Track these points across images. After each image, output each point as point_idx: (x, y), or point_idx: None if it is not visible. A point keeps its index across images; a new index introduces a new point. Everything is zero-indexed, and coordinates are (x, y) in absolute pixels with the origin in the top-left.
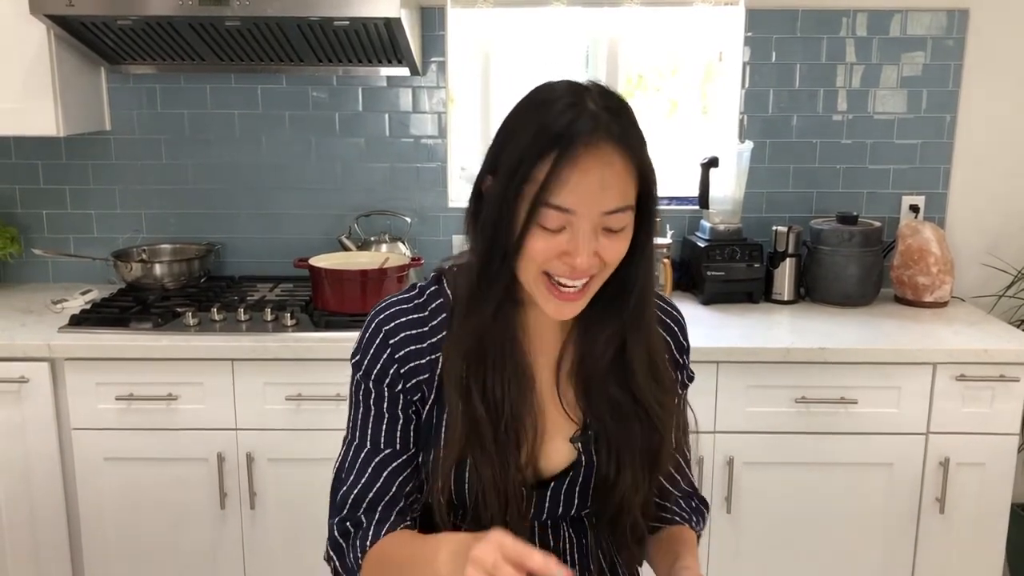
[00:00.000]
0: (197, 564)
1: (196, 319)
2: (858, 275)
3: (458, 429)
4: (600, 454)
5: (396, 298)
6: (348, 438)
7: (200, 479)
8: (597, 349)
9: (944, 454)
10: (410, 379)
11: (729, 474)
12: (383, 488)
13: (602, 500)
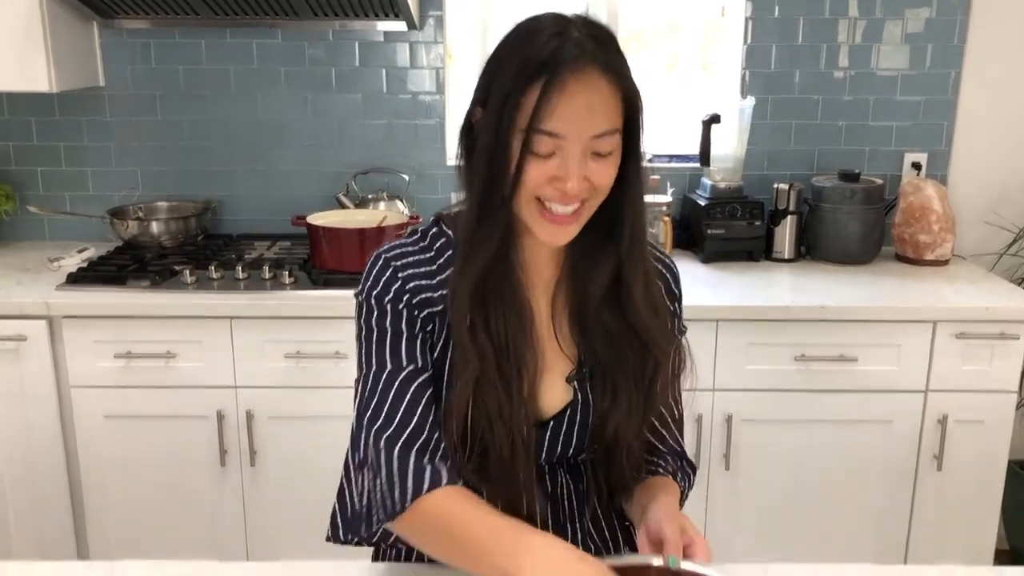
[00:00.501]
0: (198, 521)
1: (194, 277)
2: (859, 233)
3: (467, 365)
4: (595, 389)
5: (399, 241)
6: (363, 372)
7: (200, 437)
8: (592, 280)
9: (942, 411)
10: (423, 309)
11: (728, 431)
12: (411, 404)
13: (598, 435)
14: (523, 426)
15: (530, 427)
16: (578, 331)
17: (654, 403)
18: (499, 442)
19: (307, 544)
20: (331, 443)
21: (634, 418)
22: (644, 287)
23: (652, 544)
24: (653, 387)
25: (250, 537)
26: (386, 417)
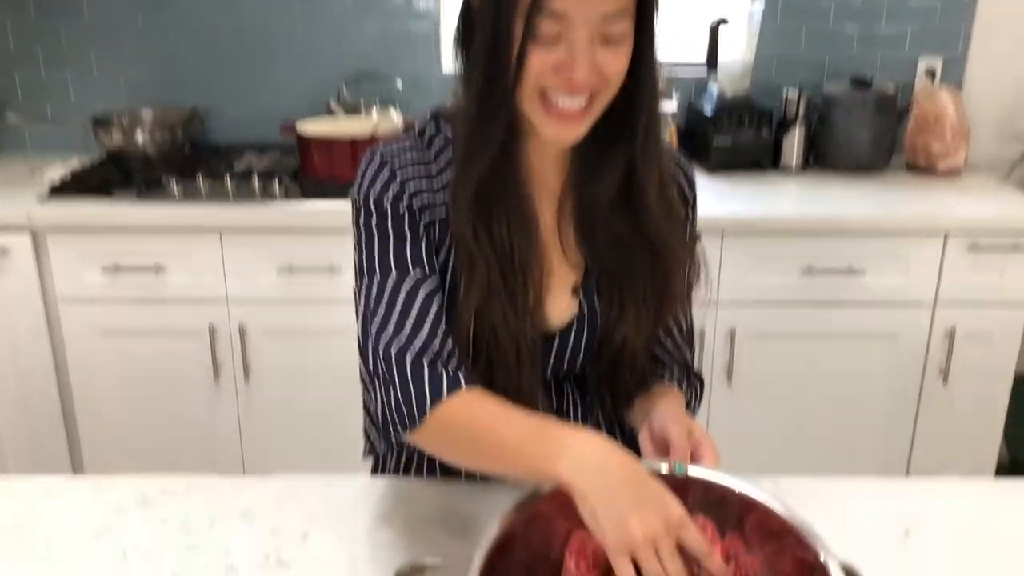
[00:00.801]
0: (193, 436)
1: (181, 188)
2: (870, 142)
3: (470, 275)
4: (603, 302)
5: (395, 141)
6: (366, 281)
7: (193, 352)
8: (601, 183)
9: (950, 325)
10: (424, 212)
11: (731, 346)
12: (422, 311)
13: (604, 348)
14: (528, 337)
15: (536, 338)
16: (585, 240)
17: (664, 316)
18: (504, 354)
19: (303, 458)
20: (326, 358)
21: (642, 331)
22: (659, 191)
23: (657, 449)
24: (664, 299)
25: (246, 452)
26: (395, 327)
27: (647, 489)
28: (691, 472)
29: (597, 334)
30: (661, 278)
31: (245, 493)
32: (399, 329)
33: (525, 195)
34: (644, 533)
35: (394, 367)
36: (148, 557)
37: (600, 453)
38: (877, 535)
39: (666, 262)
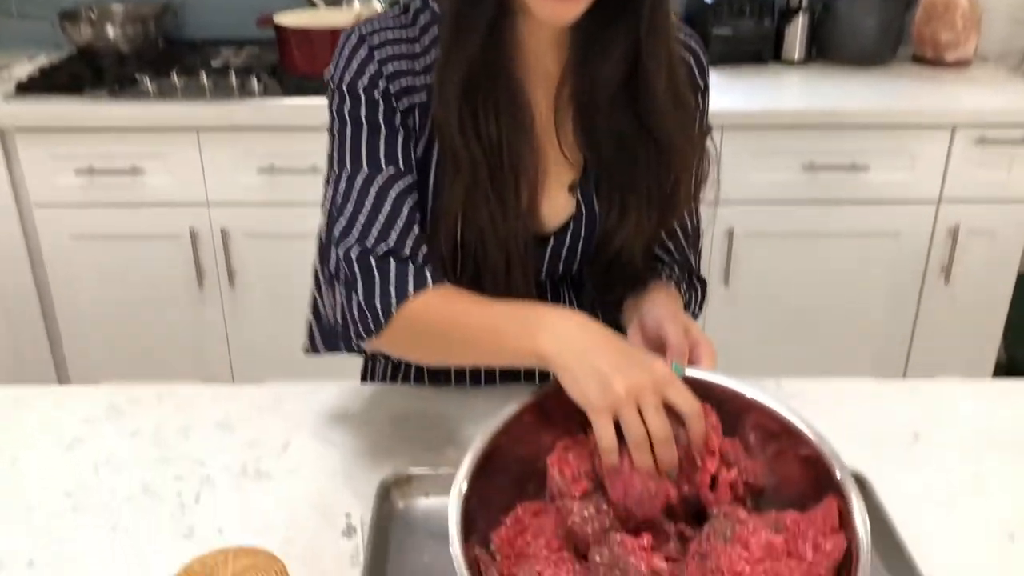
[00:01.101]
0: (179, 344)
1: (155, 85)
2: (876, 31)
3: (455, 171)
4: (602, 201)
5: (378, 16)
6: (335, 173)
7: (175, 257)
8: (603, 68)
9: (954, 222)
10: (402, 98)
11: (728, 246)
12: (393, 212)
13: (601, 251)
14: (520, 242)
15: (528, 243)
16: (584, 134)
17: (668, 218)
18: (492, 260)
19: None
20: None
21: (643, 234)
22: (667, 77)
23: (650, 348)
24: (668, 200)
25: (234, 358)
26: (363, 228)
27: (630, 351)
28: (688, 373)
29: (595, 236)
30: (666, 177)
31: (222, 401)
32: (366, 232)
33: (518, 82)
34: (627, 388)
35: (357, 270)
36: (118, 469)
37: (580, 326)
38: (884, 439)
39: (672, 159)
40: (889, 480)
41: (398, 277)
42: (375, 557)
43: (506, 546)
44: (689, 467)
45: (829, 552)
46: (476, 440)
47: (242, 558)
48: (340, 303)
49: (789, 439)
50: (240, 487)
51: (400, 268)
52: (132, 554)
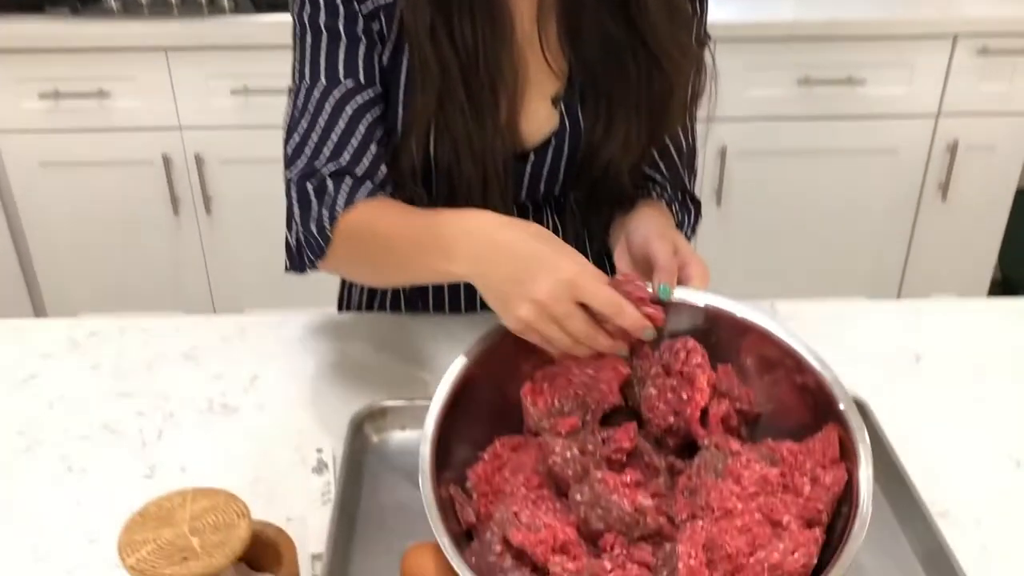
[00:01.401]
0: (156, 273)
1: (120, 2)
2: None
3: (426, 81)
4: (587, 114)
5: None
6: (295, 86)
7: (148, 184)
8: None
9: (953, 137)
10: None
11: (721, 165)
12: (348, 130)
13: (585, 169)
14: (498, 159)
15: (507, 160)
16: (570, 40)
17: (659, 135)
18: (467, 179)
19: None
20: None
21: (632, 151)
22: None
23: (637, 269)
24: (660, 115)
25: (214, 287)
26: (315, 146)
27: (532, 257)
28: (678, 294)
29: (579, 154)
30: (658, 90)
31: (187, 333)
32: (318, 150)
33: None
34: (531, 308)
35: (304, 193)
36: (76, 406)
37: (489, 236)
38: (885, 362)
39: (665, 70)
40: (890, 405)
41: (335, 195)
42: (347, 495)
43: (482, 483)
44: (676, 400)
45: (828, 486)
46: (450, 370)
47: (200, 499)
48: (297, 222)
49: (787, 364)
50: (205, 423)
51: (338, 187)
52: (89, 495)
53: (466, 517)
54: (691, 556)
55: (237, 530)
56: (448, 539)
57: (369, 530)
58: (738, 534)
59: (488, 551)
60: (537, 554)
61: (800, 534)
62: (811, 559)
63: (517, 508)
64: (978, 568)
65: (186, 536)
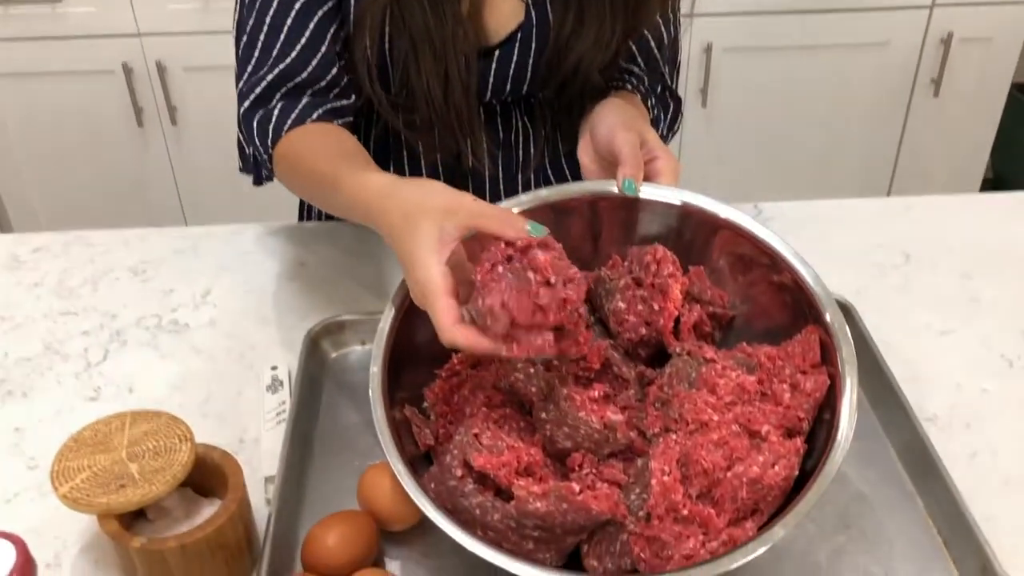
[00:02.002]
0: (124, 187)
1: None
2: None
3: None
4: (555, 6)
5: None
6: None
7: (109, 95)
8: None
9: (947, 29)
10: None
11: (706, 63)
12: (296, 26)
13: (554, 68)
14: (459, 55)
15: (470, 56)
16: None
17: (635, 30)
18: (427, 77)
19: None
20: None
21: (604, 47)
22: None
23: (601, 163)
24: (637, 9)
25: (185, 202)
26: (263, 46)
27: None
28: (644, 192)
29: (547, 50)
30: None
31: (135, 247)
32: (266, 55)
33: None
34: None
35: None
36: (17, 326)
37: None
38: (872, 262)
39: None
40: (876, 306)
41: (273, 118)
42: (302, 414)
43: (440, 403)
44: (648, 312)
45: (810, 392)
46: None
47: (140, 423)
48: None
49: (763, 262)
50: (154, 341)
51: (277, 107)
52: (30, 420)
53: (423, 440)
54: (664, 472)
55: (179, 455)
56: (403, 465)
57: (326, 451)
58: (714, 448)
59: (448, 475)
60: (500, 477)
61: (780, 445)
62: (792, 471)
63: (478, 430)
64: (967, 475)
65: (124, 462)
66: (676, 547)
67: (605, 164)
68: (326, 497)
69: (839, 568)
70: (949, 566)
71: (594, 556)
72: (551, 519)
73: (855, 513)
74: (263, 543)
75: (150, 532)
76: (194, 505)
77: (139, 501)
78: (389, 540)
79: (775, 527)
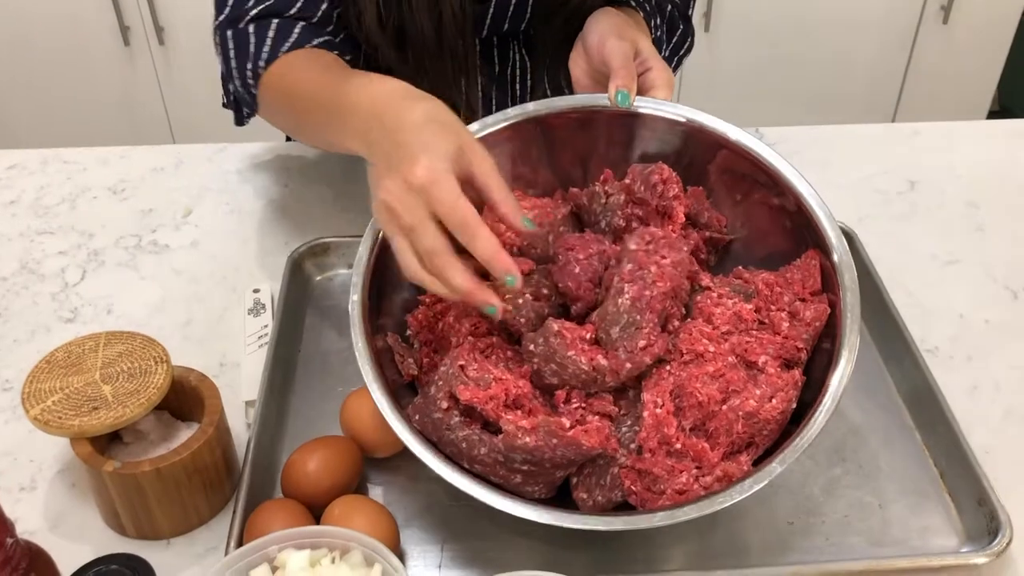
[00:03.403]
0: (111, 108)
1: None
2: None
3: None
4: None
5: None
6: None
7: (94, 13)
8: None
9: None
10: None
11: None
12: None
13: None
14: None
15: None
16: None
17: None
18: (420, 20)
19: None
20: None
21: None
22: None
23: (592, 74)
24: None
25: (174, 124)
26: None
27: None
28: (638, 104)
29: None
30: None
31: (115, 165)
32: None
33: None
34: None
35: (231, 40)
36: None
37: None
38: (876, 189)
39: None
40: (879, 235)
41: (259, 46)
42: (284, 337)
43: (424, 331)
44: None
45: (809, 321)
46: None
47: (115, 344)
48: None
49: (763, 183)
50: (134, 262)
51: (261, 36)
52: (4, 341)
53: (407, 370)
54: (657, 404)
55: (154, 377)
56: (385, 397)
57: (308, 376)
58: (710, 380)
59: (433, 407)
60: (488, 411)
61: (778, 377)
62: (789, 405)
63: (464, 361)
64: (967, 408)
65: (97, 384)
66: (668, 481)
67: (597, 77)
68: (308, 422)
69: (834, 501)
70: (945, 499)
71: (583, 489)
72: (540, 454)
73: (851, 446)
74: (242, 468)
75: (126, 456)
76: (172, 429)
77: (112, 424)
78: (372, 466)
79: (772, 463)
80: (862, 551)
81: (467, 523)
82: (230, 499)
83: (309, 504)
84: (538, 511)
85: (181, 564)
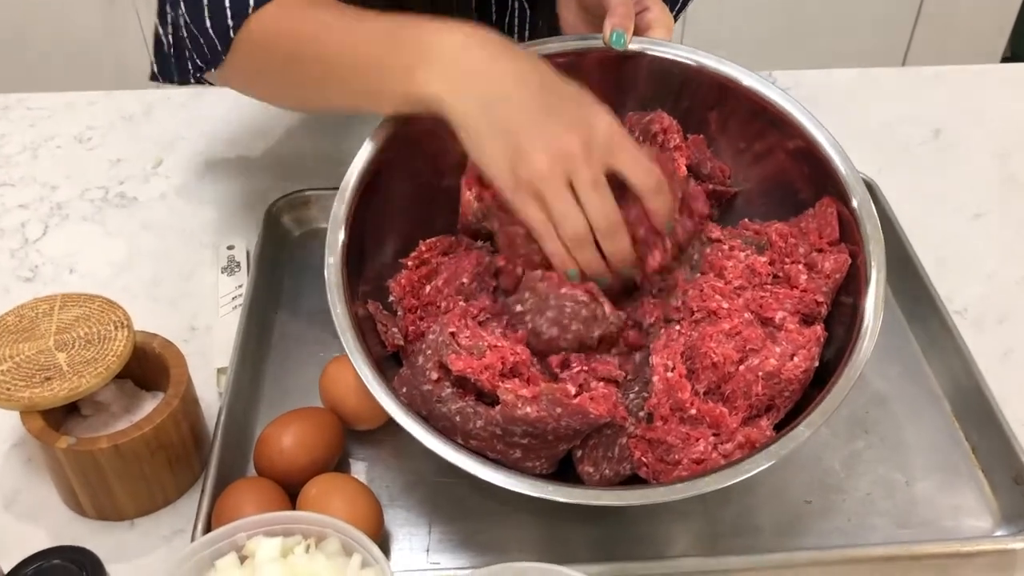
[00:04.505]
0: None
1: None
2: None
3: None
4: None
5: None
6: None
7: None
8: None
9: None
10: None
11: None
12: None
13: None
14: None
15: None
16: None
17: None
18: None
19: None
20: None
21: None
22: None
23: (584, 15)
24: None
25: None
26: None
27: (556, 94)
28: (636, 45)
29: None
30: None
31: (81, 111)
32: None
33: None
34: (551, 160)
35: None
36: None
37: (486, 52)
38: (899, 138)
39: None
40: (902, 187)
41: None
42: (260, 300)
43: (409, 297)
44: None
45: (829, 273)
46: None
47: (71, 307)
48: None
49: (774, 127)
50: (99, 216)
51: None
52: None
53: (391, 340)
54: (668, 367)
55: (114, 344)
56: (369, 367)
57: (286, 341)
58: (724, 339)
59: (422, 378)
60: (484, 381)
61: (798, 334)
62: (812, 363)
63: (455, 328)
64: (1000, 376)
65: (51, 352)
66: (684, 450)
67: (590, 19)
68: (285, 392)
69: (855, 477)
70: (977, 475)
71: (589, 462)
72: (543, 424)
73: (874, 417)
74: (211, 443)
75: (84, 430)
76: (135, 400)
77: (66, 396)
78: (355, 439)
79: (799, 426)
80: (886, 533)
81: (456, 502)
82: (199, 476)
83: (284, 483)
84: (546, 487)
85: (146, 546)
